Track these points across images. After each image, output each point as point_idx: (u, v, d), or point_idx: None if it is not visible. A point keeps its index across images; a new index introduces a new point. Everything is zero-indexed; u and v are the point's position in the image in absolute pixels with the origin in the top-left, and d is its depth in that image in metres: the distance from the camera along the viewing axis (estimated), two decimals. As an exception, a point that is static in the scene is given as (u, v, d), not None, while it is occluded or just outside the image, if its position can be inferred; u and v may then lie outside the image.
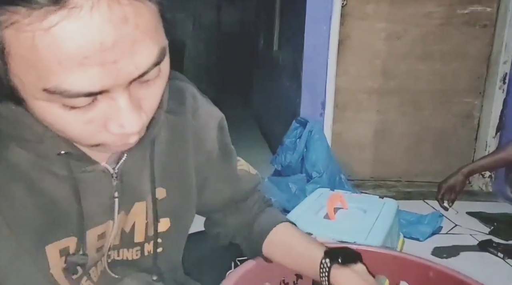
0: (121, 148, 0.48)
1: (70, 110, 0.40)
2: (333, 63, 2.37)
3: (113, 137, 0.44)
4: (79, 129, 0.42)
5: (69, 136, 0.44)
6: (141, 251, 0.64)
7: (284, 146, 2.34)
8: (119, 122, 0.42)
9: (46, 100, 0.39)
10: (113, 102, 0.41)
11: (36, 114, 0.42)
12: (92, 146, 0.46)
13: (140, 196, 0.61)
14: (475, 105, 2.52)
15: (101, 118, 0.42)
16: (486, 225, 1.99)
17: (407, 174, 2.61)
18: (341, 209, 1.35)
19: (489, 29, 2.40)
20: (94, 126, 0.42)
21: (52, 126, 0.43)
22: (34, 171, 0.49)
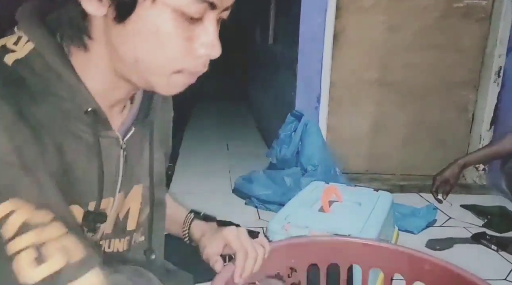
0: (193, 77, 0.53)
1: (182, 22, 0.47)
2: (328, 56, 2.36)
3: (196, 61, 0.51)
4: (178, 45, 0.48)
5: (163, 55, 0.49)
6: (129, 242, 0.64)
7: (279, 139, 2.33)
8: (210, 44, 0.50)
9: (171, 6, 0.46)
10: (208, 26, 0.50)
11: (148, 26, 0.47)
12: (172, 73, 0.51)
13: (137, 178, 0.63)
14: (470, 98, 2.52)
15: (195, 38, 0.50)
16: (480, 217, 2.00)
17: (402, 168, 2.61)
18: (336, 202, 1.34)
19: (485, 22, 2.40)
20: (187, 47, 0.49)
21: (155, 40, 0.47)
22: (57, 129, 0.49)
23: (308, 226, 1.16)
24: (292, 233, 1.14)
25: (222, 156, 2.98)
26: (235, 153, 3.04)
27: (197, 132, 3.51)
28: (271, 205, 2.03)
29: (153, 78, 0.51)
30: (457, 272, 0.70)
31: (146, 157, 0.63)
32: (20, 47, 0.48)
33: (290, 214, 1.25)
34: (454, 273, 0.71)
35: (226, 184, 2.38)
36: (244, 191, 2.16)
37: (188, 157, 2.84)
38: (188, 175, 2.51)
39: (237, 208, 2.06)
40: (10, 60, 0.47)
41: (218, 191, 2.29)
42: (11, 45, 0.48)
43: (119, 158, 0.58)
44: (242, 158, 2.90)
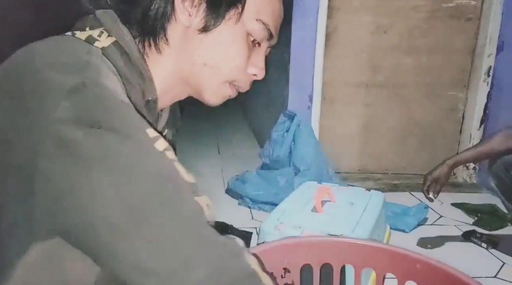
0: (235, 92, 0.66)
1: (249, 42, 0.61)
2: (321, 56, 2.37)
3: (246, 78, 0.64)
4: (243, 59, 0.61)
5: (230, 63, 0.60)
6: None
7: (272, 139, 2.34)
8: (259, 66, 0.64)
9: (247, 28, 0.59)
10: (260, 53, 0.64)
11: (226, 38, 0.59)
12: (225, 82, 0.62)
13: None
14: (460, 98, 2.55)
15: (252, 60, 0.63)
16: (470, 216, 2.03)
17: (394, 167, 2.63)
18: (328, 202, 1.35)
19: (474, 22, 2.43)
20: (245, 63, 0.62)
21: (228, 50, 0.60)
22: None
23: (301, 226, 1.16)
24: (285, 233, 1.14)
25: (214, 156, 2.97)
26: (228, 154, 3.04)
27: (188, 134, 3.51)
28: (264, 205, 2.04)
29: (209, 83, 0.61)
30: (448, 271, 0.71)
31: None
32: (104, 39, 0.55)
33: (283, 214, 1.25)
34: (445, 272, 0.72)
35: (219, 185, 2.38)
36: (237, 191, 2.16)
37: (180, 158, 2.83)
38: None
39: (231, 209, 2.06)
40: (99, 46, 0.53)
41: (211, 192, 2.28)
42: (96, 36, 0.55)
43: None
44: (234, 158, 2.90)
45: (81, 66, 0.47)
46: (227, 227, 1.58)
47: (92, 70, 0.47)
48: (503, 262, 1.60)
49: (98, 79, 0.46)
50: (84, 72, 0.46)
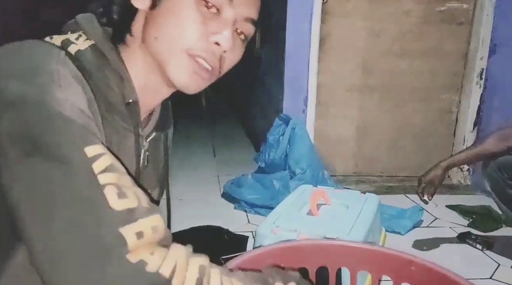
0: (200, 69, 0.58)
1: (202, 10, 0.56)
2: (315, 60, 2.38)
3: (206, 46, 0.57)
4: (196, 27, 0.56)
5: (182, 35, 0.56)
6: None
7: (268, 143, 2.35)
8: (221, 35, 0.57)
9: None
10: (225, 21, 0.58)
11: (172, 8, 0.56)
12: (187, 55, 0.57)
13: (149, 184, 0.68)
14: (453, 100, 2.57)
15: (212, 27, 0.57)
16: (465, 217, 2.04)
17: (389, 169, 2.65)
18: (324, 205, 1.36)
19: (466, 26, 2.46)
20: (204, 30, 0.57)
21: (179, 21, 0.56)
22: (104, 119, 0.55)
23: (297, 229, 1.17)
24: (281, 237, 1.15)
25: (210, 161, 2.97)
26: (223, 158, 3.04)
27: (183, 138, 3.50)
28: (260, 209, 2.04)
29: (169, 57, 0.57)
30: (442, 272, 0.72)
31: (157, 165, 0.70)
32: (81, 42, 0.56)
33: (279, 218, 1.26)
34: (439, 273, 0.72)
35: (215, 189, 2.38)
36: (233, 195, 2.17)
37: (175, 163, 2.84)
38: (176, 181, 2.50)
39: (227, 213, 2.06)
40: (73, 50, 0.54)
41: (207, 196, 2.29)
42: (73, 39, 0.56)
43: (140, 155, 0.63)
44: (230, 163, 2.90)
45: (33, 73, 0.47)
46: (222, 231, 1.59)
47: (44, 76, 0.47)
48: (498, 263, 1.61)
49: (47, 88, 0.46)
50: (33, 79, 0.46)
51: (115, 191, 0.44)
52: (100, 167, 0.45)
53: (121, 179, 0.46)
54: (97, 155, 0.45)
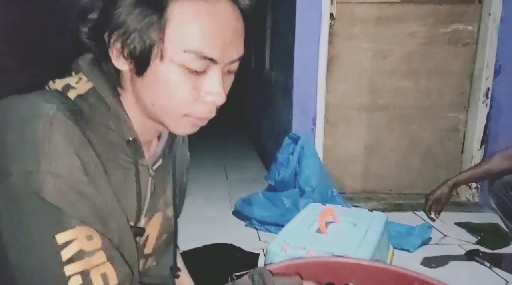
0: (200, 122, 0.61)
1: (188, 74, 0.56)
2: (323, 81, 2.45)
3: (203, 107, 0.59)
4: (186, 93, 0.57)
5: (173, 99, 0.57)
6: (144, 264, 0.70)
7: (277, 162, 2.40)
8: (215, 91, 0.58)
9: (177, 63, 0.55)
10: (213, 76, 0.57)
11: (159, 78, 0.56)
12: (182, 117, 0.59)
13: (160, 206, 0.70)
14: (460, 119, 2.61)
15: (201, 88, 0.57)
16: (474, 235, 2.06)
17: (397, 187, 2.68)
18: (332, 223, 1.41)
19: (471, 47, 2.51)
20: (195, 94, 0.57)
21: (166, 88, 0.56)
22: (104, 156, 0.58)
23: (306, 247, 1.22)
24: (291, 254, 1.20)
25: (221, 180, 3.03)
26: (235, 177, 3.10)
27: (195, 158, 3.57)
28: (271, 226, 2.08)
29: (167, 120, 0.60)
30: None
31: (169, 188, 0.71)
32: (81, 85, 0.59)
33: (288, 235, 1.31)
34: (440, 289, 0.77)
35: (226, 207, 2.43)
36: (243, 213, 2.22)
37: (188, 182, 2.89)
38: (188, 199, 2.56)
39: (238, 230, 2.11)
40: (73, 95, 0.58)
41: (219, 214, 2.34)
42: (74, 83, 0.59)
43: (148, 185, 0.66)
44: (241, 181, 2.95)
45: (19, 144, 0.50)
46: (234, 248, 1.63)
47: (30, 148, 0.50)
48: (507, 281, 1.63)
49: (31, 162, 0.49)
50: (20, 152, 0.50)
51: (79, 281, 0.49)
52: (68, 254, 0.49)
53: (90, 262, 0.50)
54: (67, 242, 0.49)
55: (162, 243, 0.73)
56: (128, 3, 0.53)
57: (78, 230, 0.50)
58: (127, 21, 0.53)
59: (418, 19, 2.48)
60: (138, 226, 0.64)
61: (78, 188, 0.51)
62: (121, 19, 0.53)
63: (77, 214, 0.51)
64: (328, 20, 2.39)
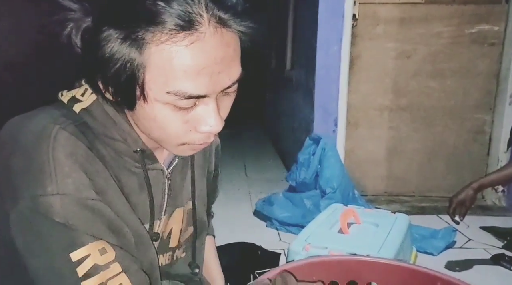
0: (201, 147, 0.60)
1: (177, 111, 0.54)
2: (345, 81, 2.44)
3: (199, 136, 0.57)
4: (177, 128, 0.55)
5: (166, 134, 0.56)
6: (171, 257, 0.72)
7: (299, 163, 2.40)
8: (209, 123, 0.56)
9: (163, 102, 0.53)
10: (206, 107, 0.55)
11: (147, 114, 0.55)
12: (178, 145, 0.58)
13: (180, 202, 0.71)
14: (485, 120, 2.56)
15: (195, 119, 0.55)
16: (500, 239, 2.01)
17: (421, 189, 2.64)
18: (354, 224, 1.40)
19: (497, 47, 2.46)
20: (188, 126, 0.56)
21: (157, 124, 0.55)
22: (115, 164, 0.60)
23: (328, 247, 1.22)
24: (313, 254, 1.20)
25: (242, 180, 3.05)
26: (255, 177, 3.12)
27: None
28: (292, 227, 2.09)
29: (165, 146, 0.61)
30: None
31: (188, 182, 0.72)
32: (86, 98, 0.59)
33: (310, 235, 1.31)
34: (464, 290, 0.76)
35: (247, 207, 2.44)
36: (264, 213, 2.22)
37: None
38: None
39: (259, 230, 2.12)
40: (78, 108, 0.59)
41: (240, 215, 2.35)
42: (79, 96, 0.60)
43: (164, 186, 0.67)
44: (262, 182, 2.96)
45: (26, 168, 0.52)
46: (257, 248, 1.64)
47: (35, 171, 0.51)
48: (534, 286, 1.59)
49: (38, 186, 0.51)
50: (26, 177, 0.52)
51: None
52: (84, 270, 0.51)
53: (105, 275, 0.52)
54: (81, 259, 0.51)
55: (190, 236, 0.75)
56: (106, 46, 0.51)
57: (91, 246, 0.52)
58: (105, 65, 0.51)
59: (443, 19, 2.44)
60: (152, 231, 0.65)
61: (86, 204, 0.53)
62: (99, 61, 0.51)
63: (88, 229, 0.52)
64: (350, 20, 2.38)
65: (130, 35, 0.50)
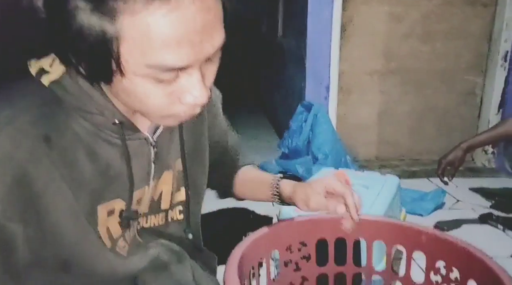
0: (187, 118, 0.57)
1: (158, 83, 0.50)
2: (336, 47, 2.41)
3: (184, 107, 0.54)
4: (160, 101, 0.52)
5: (149, 107, 0.54)
6: (165, 218, 0.73)
7: (291, 130, 2.41)
8: (193, 94, 0.53)
9: (142, 76, 0.49)
10: (189, 78, 0.52)
11: (126, 89, 0.51)
12: (162, 118, 0.56)
13: (168, 165, 0.70)
14: (477, 83, 2.55)
15: (178, 91, 0.52)
16: (488, 199, 2.06)
17: (411, 153, 2.67)
18: (344, 186, 1.42)
19: (490, 8, 2.43)
20: (171, 99, 0.53)
21: (137, 98, 0.52)
22: (91, 139, 0.57)
23: (318, 208, 1.23)
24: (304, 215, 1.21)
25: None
26: (247, 145, 3.12)
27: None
28: (284, 193, 2.11)
29: (149, 118, 0.58)
30: (451, 241, 0.78)
31: (176, 143, 0.70)
32: (55, 69, 0.55)
33: (301, 198, 1.32)
34: (448, 242, 0.78)
35: (240, 175, 2.45)
36: (257, 180, 2.24)
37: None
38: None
39: (252, 197, 2.14)
40: (47, 81, 0.55)
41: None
42: (48, 67, 0.55)
43: (150, 155, 0.65)
44: (254, 150, 2.97)
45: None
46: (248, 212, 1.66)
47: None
48: (520, 243, 1.64)
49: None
50: None
51: None
52: None
53: None
54: None
55: (187, 198, 0.74)
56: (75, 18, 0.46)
57: None
58: (75, 38, 0.47)
59: (434, -20, 2.40)
60: (130, 210, 0.63)
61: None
62: (68, 34, 0.47)
63: None
64: (341, -17, 2.33)
65: (100, 4, 0.45)
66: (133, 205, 0.64)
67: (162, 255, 0.72)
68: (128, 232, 0.67)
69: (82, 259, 0.60)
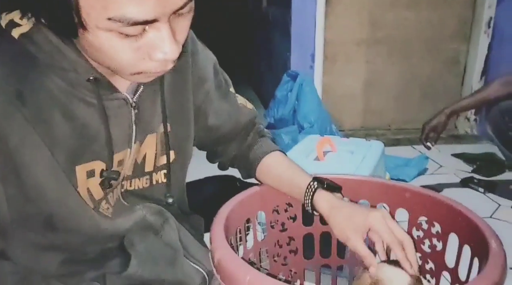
0: (159, 74, 0.56)
1: (124, 38, 0.48)
2: (321, 15, 2.38)
3: (154, 64, 0.52)
4: (128, 56, 0.50)
5: (117, 63, 0.52)
6: (150, 180, 0.72)
7: (276, 99, 2.40)
8: (162, 50, 0.50)
9: (106, 30, 0.47)
10: (158, 33, 0.49)
11: (92, 44, 0.49)
12: (133, 74, 0.54)
13: (151, 128, 0.68)
14: (461, 50, 2.57)
15: (147, 46, 0.50)
16: (470, 164, 2.10)
17: (396, 122, 2.69)
18: (330, 152, 1.43)
19: (475, -27, 2.41)
20: (140, 54, 0.51)
21: (104, 54, 0.50)
22: (67, 98, 0.56)
23: (304, 173, 1.24)
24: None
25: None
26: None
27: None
28: (271, 162, 2.12)
29: (120, 75, 0.56)
30: (433, 196, 0.80)
31: (158, 108, 0.68)
32: (26, 21, 0.53)
33: (287, 164, 1.33)
34: (430, 198, 0.80)
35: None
36: (244, 150, 2.24)
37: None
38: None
39: (238, 167, 2.15)
40: (17, 33, 0.52)
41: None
42: (18, 19, 0.53)
43: (131, 116, 0.63)
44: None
45: None
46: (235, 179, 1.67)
47: None
48: (499, 204, 1.69)
49: None
50: None
51: None
52: None
53: None
54: None
55: (174, 161, 0.73)
56: None
57: None
58: None
59: None
60: (110, 170, 0.62)
61: None
62: None
63: None
64: (326, -52, 2.28)
65: None
66: (114, 167, 0.63)
67: (148, 216, 0.72)
68: (111, 195, 0.66)
69: (66, 215, 0.59)
